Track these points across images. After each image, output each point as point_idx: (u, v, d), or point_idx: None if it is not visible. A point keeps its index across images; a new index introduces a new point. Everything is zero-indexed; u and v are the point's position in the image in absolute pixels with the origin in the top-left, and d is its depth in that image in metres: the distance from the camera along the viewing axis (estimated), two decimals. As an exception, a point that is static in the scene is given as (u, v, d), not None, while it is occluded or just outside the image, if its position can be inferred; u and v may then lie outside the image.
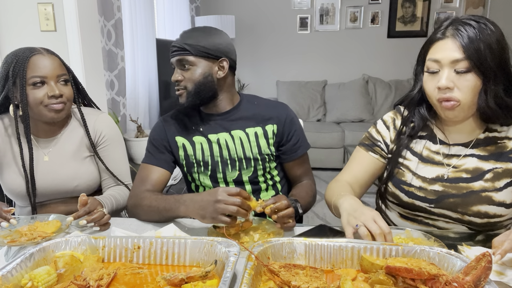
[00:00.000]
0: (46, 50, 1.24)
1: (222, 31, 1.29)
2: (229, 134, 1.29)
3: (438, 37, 1.01)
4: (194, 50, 1.20)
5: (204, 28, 1.26)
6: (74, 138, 1.33)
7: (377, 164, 1.19)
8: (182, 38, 1.23)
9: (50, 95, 1.19)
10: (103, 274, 0.80)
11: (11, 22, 2.09)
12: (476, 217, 1.04)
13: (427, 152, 1.12)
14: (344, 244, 0.84)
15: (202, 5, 4.59)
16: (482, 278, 0.68)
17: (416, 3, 4.42)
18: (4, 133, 1.29)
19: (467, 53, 0.94)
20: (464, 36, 0.95)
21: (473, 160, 1.06)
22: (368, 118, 4.35)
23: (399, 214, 1.18)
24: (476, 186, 1.04)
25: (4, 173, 1.30)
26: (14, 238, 1.00)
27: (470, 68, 0.95)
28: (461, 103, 0.98)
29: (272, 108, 1.34)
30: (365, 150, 1.20)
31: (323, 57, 4.68)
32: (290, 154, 1.34)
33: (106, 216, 1.11)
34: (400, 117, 1.18)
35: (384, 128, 1.20)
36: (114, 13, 2.66)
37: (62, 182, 1.30)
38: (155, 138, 1.33)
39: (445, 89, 0.97)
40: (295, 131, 1.33)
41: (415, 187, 1.10)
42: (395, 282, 0.74)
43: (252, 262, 0.77)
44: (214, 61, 1.23)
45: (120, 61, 2.77)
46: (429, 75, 1.02)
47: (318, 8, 4.53)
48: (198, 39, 1.21)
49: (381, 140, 1.19)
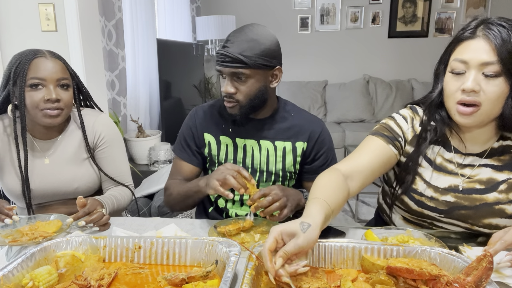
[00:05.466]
0: (51, 53, 1.23)
1: (269, 30, 1.18)
2: (257, 142, 1.26)
3: (467, 36, 0.93)
4: (251, 63, 1.10)
5: (255, 31, 1.14)
6: (73, 140, 1.33)
7: (392, 158, 1.08)
8: (236, 47, 1.11)
9: (46, 98, 1.18)
10: (104, 274, 0.80)
11: (11, 23, 2.09)
12: (486, 229, 1.02)
13: (440, 160, 1.07)
14: (345, 244, 0.84)
15: (203, 5, 4.59)
16: (483, 278, 0.68)
17: (417, 3, 4.41)
18: (3, 133, 1.29)
19: (500, 56, 0.88)
20: (498, 37, 0.88)
21: (487, 171, 1.03)
22: (369, 118, 4.35)
23: (403, 217, 1.16)
24: (490, 198, 1.01)
25: (3, 174, 1.30)
26: (15, 238, 1.00)
27: (500, 72, 0.89)
28: (482, 108, 0.92)
29: (307, 123, 1.27)
30: (385, 142, 1.07)
31: (323, 57, 4.67)
32: (313, 174, 1.23)
33: (105, 216, 1.11)
34: (418, 117, 1.11)
35: (404, 123, 1.11)
36: (115, 13, 2.66)
37: (62, 184, 1.30)
38: (185, 131, 1.31)
39: (470, 92, 0.91)
40: (325, 152, 1.27)
41: (427, 197, 1.06)
42: (396, 283, 0.74)
43: (253, 262, 0.77)
44: (269, 71, 1.16)
45: (121, 61, 2.77)
46: (453, 76, 0.95)
47: (319, 8, 4.53)
48: (254, 48, 1.11)
49: (402, 136, 1.10)
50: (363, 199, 3.36)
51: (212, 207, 1.35)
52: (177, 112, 3.51)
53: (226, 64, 1.12)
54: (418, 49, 4.50)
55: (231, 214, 1.30)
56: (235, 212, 1.29)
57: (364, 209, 3.23)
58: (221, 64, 1.13)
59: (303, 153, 1.26)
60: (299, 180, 1.34)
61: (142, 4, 3.06)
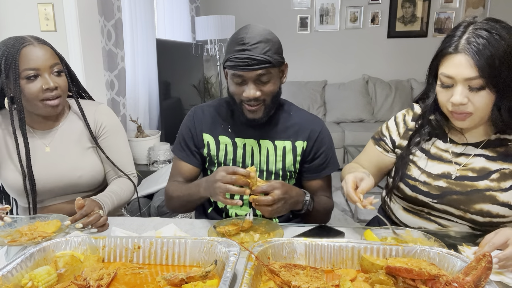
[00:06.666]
0: (36, 39, 1.21)
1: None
2: (257, 142, 1.25)
3: (449, 52, 0.97)
4: (275, 61, 1.11)
5: (261, 30, 1.13)
6: (74, 129, 1.32)
7: (380, 157, 1.22)
8: (258, 48, 1.09)
9: (45, 88, 1.17)
10: (103, 274, 0.80)
11: (11, 23, 2.09)
12: (479, 216, 1.04)
13: (435, 150, 1.12)
14: (344, 244, 0.84)
15: (202, 5, 4.59)
16: (483, 278, 0.68)
17: (416, 3, 4.42)
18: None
19: (481, 71, 0.91)
20: (476, 52, 0.92)
21: (481, 160, 1.06)
22: (368, 118, 4.36)
23: (403, 208, 1.19)
24: (481, 185, 1.04)
25: (2, 170, 1.28)
26: (14, 238, 1.00)
27: (484, 85, 0.93)
28: (474, 114, 0.98)
29: (307, 122, 1.27)
30: (373, 144, 1.25)
31: (323, 57, 4.68)
32: (313, 174, 1.28)
33: (103, 218, 1.10)
34: (411, 113, 1.19)
35: (393, 124, 1.22)
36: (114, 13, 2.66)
37: (65, 172, 1.29)
38: (184, 131, 1.31)
39: (459, 105, 0.96)
40: (324, 151, 1.27)
41: (420, 181, 1.11)
42: (395, 282, 0.74)
43: (252, 262, 0.77)
44: (280, 67, 1.18)
45: (120, 61, 2.77)
46: (442, 89, 1.01)
47: (318, 8, 4.53)
48: (273, 47, 1.12)
49: (387, 135, 1.22)
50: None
51: (212, 207, 1.35)
52: (176, 112, 3.51)
53: (252, 67, 1.09)
54: (417, 49, 4.50)
55: (230, 214, 1.30)
56: (234, 212, 1.29)
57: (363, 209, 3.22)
58: (244, 68, 1.09)
59: (303, 152, 1.27)
60: (298, 180, 1.34)
61: (142, 4, 3.06)
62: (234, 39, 1.13)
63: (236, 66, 1.10)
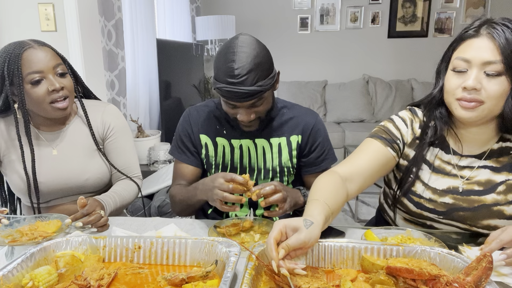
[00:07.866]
0: (36, 42, 1.21)
1: (253, 37, 1.10)
2: (252, 142, 1.26)
3: (470, 34, 0.93)
4: (268, 87, 1.07)
5: (248, 47, 1.05)
6: (81, 131, 1.32)
7: (390, 161, 1.09)
8: (248, 79, 1.03)
9: (51, 89, 1.17)
10: (103, 274, 0.80)
11: (11, 23, 2.09)
12: (485, 230, 1.02)
13: (438, 162, 1.07)
14: (344, 244, 0.84)
15: (202, 5, 4.59)
16: (483, 278, 0.68)
17: (417, 3, 4.41)
18: (6, 133, 1.28)
19: (503, 55, 0.87)
20: (502, 36, 0.88)
21: (485, 172, 1.03)
22: (369, 118, 4.36)
23: (403, 218, 1.16)
24: (488, 199, 1.01)
25: (9, 173, 1.29)
26: (15, 238, 1.00)
27: (502, 71, 0.89)
28: (485, 104, 0.92)
29: (301, 116, 1.27)
30: (383, 145, 1.08)
31: (323, 57, 4.67)
32: (311, 167, 1.27)
33: (103, 218, 1.10)
34: (418, 119, 1.10)
35: (403, 125, 1.11)
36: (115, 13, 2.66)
37: (72, 175, 1.28)
38: (182, 132, 1.30)
39: (471, 89, 0.91)
40: (320, 143, 1.26)
41: (425, 198, 1.06)
42: (396, 283, 0.74)
43: (253, 262, 0.77)
44: (273, 78, 1.13)
45: (121, 61, 2.77)
46: (454, 74, 0.95)
47: (319, 8, 4.53)
48: (263, 70, 1.06)
49: (400, 138, 1.10)
50: (363, 199, 3.37)
51: (211, 209, 1.35)
52: (176, 112, 3.51)
53: (244, 99, 1.06)
54: (417, 49, 4.50)
55: (231, 214, 1.30)
56: (235, 213, 1.29)
57: (364, 209, 3.23)
58: (237, 100, 1.07)
59: (298, 146, 1.26)
60: (299, 176, 1.34)
61: (142, 4, 3.06)
62: (223, 65, 1.06)
63: (228, 97, 1.08)
